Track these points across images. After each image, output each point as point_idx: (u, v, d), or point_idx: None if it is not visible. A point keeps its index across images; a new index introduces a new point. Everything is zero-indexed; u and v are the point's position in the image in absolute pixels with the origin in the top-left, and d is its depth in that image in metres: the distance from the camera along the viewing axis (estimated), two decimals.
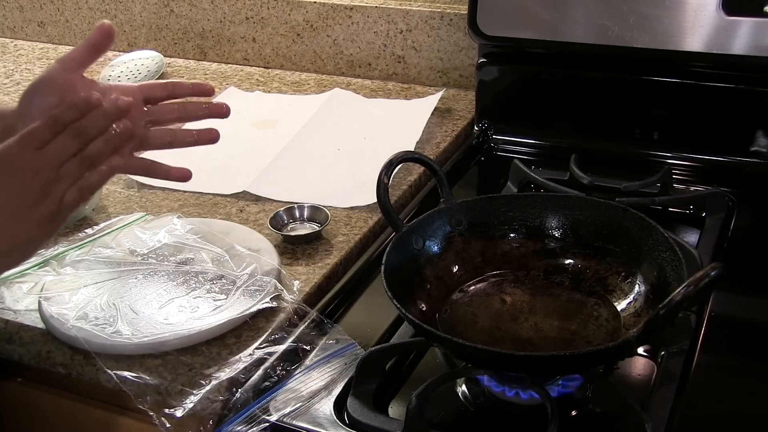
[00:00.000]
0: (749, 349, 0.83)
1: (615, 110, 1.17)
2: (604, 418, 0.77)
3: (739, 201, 1.03)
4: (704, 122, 1.12)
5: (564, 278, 0.87)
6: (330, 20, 1.44)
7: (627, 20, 1.09)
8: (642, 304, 0.81)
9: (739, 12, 1.04)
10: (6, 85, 1.51)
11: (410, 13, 1.37)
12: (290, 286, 0.90)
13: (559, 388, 0.76)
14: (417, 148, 1.18)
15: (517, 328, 0.81)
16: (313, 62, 1.49)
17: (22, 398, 0.90)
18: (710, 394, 0.76)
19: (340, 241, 0.99)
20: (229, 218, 1.05)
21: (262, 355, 0.81)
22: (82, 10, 1.65)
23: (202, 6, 1.53)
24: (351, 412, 0.75)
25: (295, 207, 1.03)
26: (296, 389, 0.78)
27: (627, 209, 0.86)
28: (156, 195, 1.11)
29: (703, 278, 0.67)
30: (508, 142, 1.22)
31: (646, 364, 0.81)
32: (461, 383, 0.79)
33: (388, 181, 0.85)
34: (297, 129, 1.25)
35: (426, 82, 1.41)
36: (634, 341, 0.70)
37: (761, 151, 1.10)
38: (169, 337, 0.82)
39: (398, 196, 1.09)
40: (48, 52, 1.66)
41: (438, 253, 0.88)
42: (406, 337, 0.84)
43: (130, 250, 0.96)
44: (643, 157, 1.14)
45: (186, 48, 1.58)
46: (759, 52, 1.04)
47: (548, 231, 0.90)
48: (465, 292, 0.87)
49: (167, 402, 0.77)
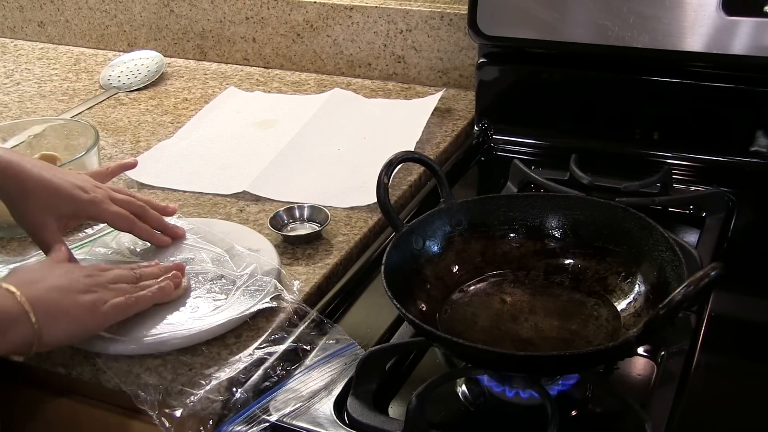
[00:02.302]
0: (749, 349, 0.82)
1: (615, 110, 1.17)
2: (604, 418, 0.77)
3: (739, 201, 1.03)
4: (704, 122, 1.12)
5: (564, 278, 0.87)
6: (330, 20, 1.44)
7: (627, 20, 1.09)
8: (642, 304, 0.81)
9: (739, 12, 1.04)
10: (6, 85, 1.51)
11: (410, 13, 1.37)
12: (290, 286, 0.90)
13: (558, 387, 0.76)
14: (417, 148, 1.18)
15: (517, 328, 0.81)
16: (313, 62, 1.49)
17: (22, 398, 0.90)
18: (710, 394, 0.76)
19: (340, 241, 0.99)
20: (229, 218, 1.05)
21: (262, 355, 0.81)
22: (82, 10, 1.65)
23: (202, 6, 1.53)
24: (351, 412, 0.75)
25: (295, 207, 1.03)
26: (296, 389, 0.78)
27: (627, 209, 0.86)
28: (156, 195, 1.11)
29: (703, 278, 0.67)
30: (508, 142, 1.22)
31: (646, 364, 0.81)
32: (461, 383, 0.79)
33: (388, 181, 0.85)
34: (297, 129, 1.25)
35: (426, 82, 1.41)
36: (634, 341, 0.70)
37: (761, 151, 1.10)
38: (169, 337, 0.82)
39: (398, 196, 1.09)
40: (48, 52, 1.66)
41: (438, 253, 0.88)
42: (406, 337, 0.84)
43: (130, 250, 0.96)
44: (643, 157, 1.14)
45: (186, 48, 1.59)
46: (759, 52, 1.04)
47: (548, 231, 0.90)
48: (465, 292, 0.87)
49: (167, 402, 0.77)
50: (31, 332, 0.74)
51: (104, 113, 1.38)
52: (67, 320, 0.77)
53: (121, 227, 0.94)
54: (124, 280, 0.84)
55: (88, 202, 0.90)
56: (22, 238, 0.98)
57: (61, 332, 0.77)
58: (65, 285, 0.79)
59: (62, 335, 0.77)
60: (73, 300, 0.78)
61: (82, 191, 0.90)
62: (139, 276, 0.86)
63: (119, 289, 0.82)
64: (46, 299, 0.76)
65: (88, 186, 0.91)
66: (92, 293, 0.79)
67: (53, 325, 0.76)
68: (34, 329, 0.74)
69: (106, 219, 0.93)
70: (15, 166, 0.87)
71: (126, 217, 0.93)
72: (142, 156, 1.21)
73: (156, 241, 0.95)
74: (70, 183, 0.90)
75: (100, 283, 0.81)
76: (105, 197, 0.92)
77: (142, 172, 1.14)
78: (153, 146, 1.24)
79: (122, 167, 1.04)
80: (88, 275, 0.82)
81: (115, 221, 0.93)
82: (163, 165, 1.18)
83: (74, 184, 0.90)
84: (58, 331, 0.77)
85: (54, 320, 0.76)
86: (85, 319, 0.78)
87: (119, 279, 0.83)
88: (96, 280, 0.81)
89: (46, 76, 1.54)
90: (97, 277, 0.82)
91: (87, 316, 0.78)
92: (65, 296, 0.78)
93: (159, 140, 1.26)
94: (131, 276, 0.85)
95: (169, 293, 0.85)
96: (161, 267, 0.89)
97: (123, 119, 1.35)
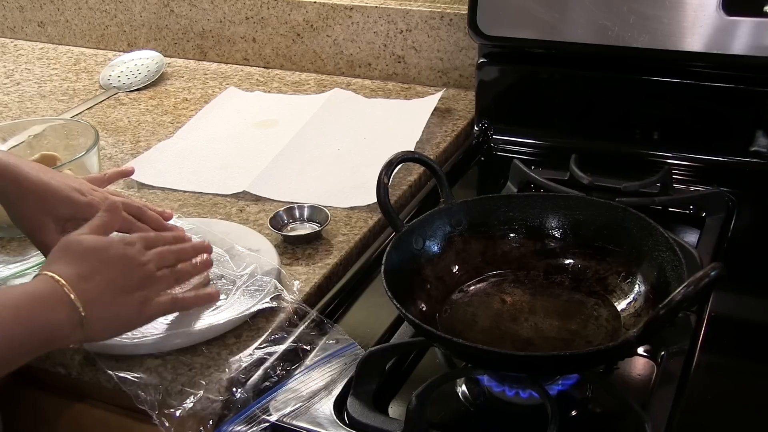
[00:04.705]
0: (749, 349, 0.83)
1: (615, 110, 1.17)
2: (604, 418, 0.77)
3: (739, 201, 1.03)
4: (704, 122, 1.12)
5: (564, 278, 0.87)
6: (330, 20, 1.44)
7: (627, 20, 1.09)
8: (642, 304, 0.81)
9: (739, 12, 1.04)
10: (6, 85, 1.51)
11: (410, 13, 1.37)
12: (290, 286, 0.90)
13: (558, 387, 0.76)
14: (417, 148, 1.18)
15: (517, 328, 0.81)
16: (313, 62, 1.49)
17: (22, 398, 0.90)
18: (710, 394, 0.76)
19: (340, 241, 0.99)
20: (229, 218, 1.05)
21: (262, 355, 0.81)
22: (82, 10, 1.65)
23: (202, 6, 1.53)
24: (351, 412, 0.75)
25: (295, 207, 1.03)
26: (296, 389, 0.78)
27: (627, 209, 0.86)
28: (156, 195, 1.11)
29: (703, 278, 0.67)
30: (508, 142, 1.22)
31: (646, 364, 0.81)
32: (461, 383, 0.79)
33: (388, 181, 0.85)
34: (297, 129, 1.25)
35: (426, 82, 1.41)
36: (634, 341, 0.70)
37: (761, 151, 1.10)
38: (169, 337, 0.82)
39: (398, 196, 1.09)
40: (48, 52, 1.66)
41: (438, 253, 0.88)
42: (406, 337, 0.84)
43: None
44: (643, 157, 1.14)
45: (186, 48, 1.59)
46: (759, 52, 1.04)
47: (548, 231, 0.90)
48: (465, 292, 0.87)
49: (167, 402, 0.77)
50: (79, 337, 0.73)
51: (104, 113, 1.38)
52: (117, 323, 0.77)
53: (119, 229, 0.94)
54: (168, 262, 0.82)
55: (85, 204, 0.90)
56: (21, 238, 0.98)
57: (108, 332, 0.77)
58: (120, 283, 0.76)
59: (106, 334, 0.77)
60: (124, 301, 0.76)
61: (80, 194, 0.90)
62: (178, 255, 0.84)
63: (164, 279, 0.81)
64: (99, 303, 0.74)
65: (85, 189, 0.91)
66: (142, 290, 0.78)
67: (103, 328, 0.75)
68: (83, 335, 0.73)
69: None
70: (13, 168, 0.87)
71: (124, 218, 0.93)
72: (142, 156, 1.21)
73: None
74: (67, 186, 0.90)
75: (150, 274, 0.79)
76: (102, 200, 0.92)
77: (142, 172, 1.14)
78: (153, 146, 1.24)
79: (120, 174, 1.04)
80: (140, 263, 0.79)
81: None
82: (163, 165, 1.18)
83: (72, 187, 0.90)
84: (106, 332, 0.77)
85: (104, 324, 0.75)
86: (132, 318, 0.78)
87: (163, 262, 0.82)
88: (146, 270, 0.79)
89: (46, 76, 1.54)
90: (147, 265, 0.79)
91: (134, 316, 0.78)
92: (118, 297, 0.76)
93: (159, 140, 1.26)
94: (172, 257, 0.83)
95: (214, 300, 0.86)
96: (194, 245, 0.88)
97: (123, 119, 1.35)
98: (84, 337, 0.74)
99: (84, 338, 0.74)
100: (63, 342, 0.73)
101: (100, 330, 0.75)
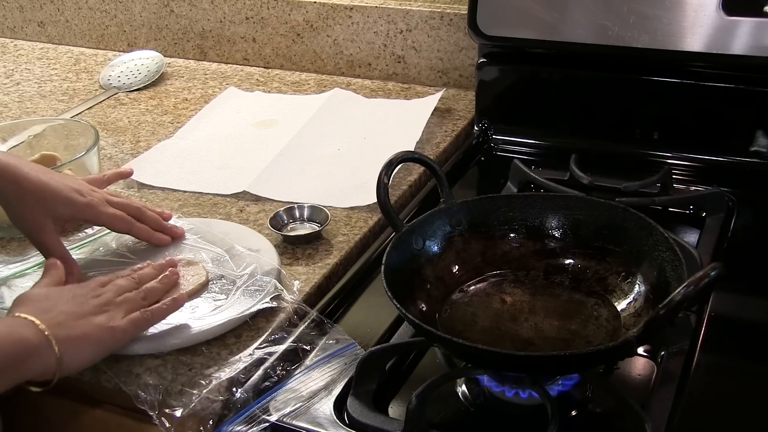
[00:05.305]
0: (749, 349, 0.82)
1: (615, 110, 1.17)
2: (604, 418, 0.77)
3: (739, 201, 1.03)
4: (704, 122, 1.12)
5: (564, 278, 0.87)
6: (330, 20, 1.44)
7: (627, 20, 1.09)
8: (642, 304, 0.81)
9: (739, 12, 1.04)
10: (6, 85, 1.51)
11: (410, 13, 1.37)
12: (290, 286, 0.90)
13: (558, 387, 0.76)
14: (417, 148, 1.18)
15: (517, 328, 0.81)
16: (313, 62, 1.49)
17: (22, 398, 0.90)
18: (710, 394, 0.76)
19: (340, 241, 0.99)
20: (229, 218, 1.05)
21: (262, 355, 0.81)
22: (82, 10, 1.65)
23: (202, 6, 1.53)
24: (351, 412, 0.75)
25: (295, 207, 1.03)
26: (296, 389, 0.78)
27: (627, 209, 0.86)
28: (156, 195, 1.11)
29: (703, 278, 0.66)
30: (508, 142, 1.22)
31: (646, 364, 0.81)
32: (461, 383, 0.79)
33: (388, 181, 0.85)
34: (297, 129, 1.25)
35: (426, 82, 1.41)
36: (634, 341, 0.70)
37: (761, 151, 1.10)
38: (169, 337, 0.82)
39: (398, 196, 1.09)
40: (48, 52, 1.66)
41: (438, 253, 0.88)
42: (406, 337, 0.84)
43: (130, 251, 0.96)
44: (643, 157, 1.14)
45: (186, 48, 1.59)
46: (759, 52, 1.04)
47: (548, 231, 0.90)
48: (465, 292, 0.87)
49: (167, 402, 0.77)
50: (54, 361, 0.74)
51: (104, 113, 1.38)
52: (89, 344, 0.77)
53: (119, 229, 0.94)
54: (128, 289, 0.84)
55: (84, 204, 0.90)
56: (21, 238, 0.98)
57: (84, 356, 0.77)
58: (77, 310, 0.78)
59: (86, 359, 0.78)
60: (89, 323, 0.78)
61: (79, 194, 0.90)
62: (138, 280, 0.86)
63: (127, 300, 0.82)
64: (65, 326, 0.76)
65: (84, 189, 0.91)
66: (104, 313, 0.79)
67: (76, 351, 0.76)
68: (57, 357, 0.74)
69: (104, 221, 0.93)
70: (12, 168, 0.87)
71: (123, 218, 0.93)
72: (142, 156, 1.21)
73: (156, 240, 0.95)
74: (67, 186, 0.90)
75: (108, 300, 0.81)
76: (101, 200, 0.92)
77: (142, 172, 1.14)
78: (153, 146, 1.24)
79: (119, 175, 1.04)
80: (94, 295, 0.81)
81: (112, 223, 0.93)
82: (163, 165, 1.18)
83: (71, 188, 0.90)
84: (81, 356, 0.77)
85: (76, 346, 0.76)
86: (105, 339, 0.78)
87: (122, 290, 0.83)
88: (103, 298, 0.81)
89: (46, 76, 1.54)
90: (103, 295, 0.81)
91: (106, 335, 0.78)
92: (81, 321, 0.77)
93: (159, 140, 1.26)
94: (132, 284, 0.85)
95: (182, 303, 0.85)
96: (154, 266, 0.89)
97: (123, 119, 1.35)
98: (61, 356, 0.74)
99: (61, 357, 0.74)
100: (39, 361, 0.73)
101: (75, 351, 0.76)
